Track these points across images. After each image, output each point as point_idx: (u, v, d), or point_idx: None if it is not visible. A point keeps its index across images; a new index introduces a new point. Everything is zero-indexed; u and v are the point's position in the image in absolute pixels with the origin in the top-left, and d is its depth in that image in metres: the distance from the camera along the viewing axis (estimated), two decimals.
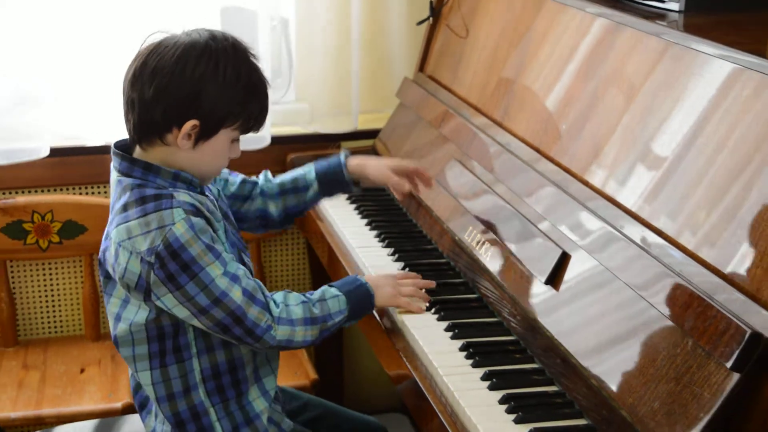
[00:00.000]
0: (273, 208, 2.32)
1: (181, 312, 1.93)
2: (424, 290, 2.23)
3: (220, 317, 1.93)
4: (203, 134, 1.96)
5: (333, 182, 2.34)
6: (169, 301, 1.92)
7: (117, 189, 1.99)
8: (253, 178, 2.34)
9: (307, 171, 2.34)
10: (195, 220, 1.91)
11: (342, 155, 2.35)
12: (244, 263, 2.06)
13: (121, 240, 1.92)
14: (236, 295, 1.93)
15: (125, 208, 1.94)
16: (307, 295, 2.06)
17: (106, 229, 2.00)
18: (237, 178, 2.32)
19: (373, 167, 2.34)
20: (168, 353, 2.00)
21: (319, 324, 2.03)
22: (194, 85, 1.93)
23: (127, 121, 1.99)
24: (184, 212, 1.91)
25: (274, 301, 2.00)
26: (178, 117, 1.94)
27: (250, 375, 2.07)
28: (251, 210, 2.32)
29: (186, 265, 1.90)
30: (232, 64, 1.96)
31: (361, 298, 2.10)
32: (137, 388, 2.12)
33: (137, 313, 1.98)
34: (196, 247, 1.90)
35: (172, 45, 1.95)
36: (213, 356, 2.02)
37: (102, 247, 2.01)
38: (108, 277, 2.02)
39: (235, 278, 1.94)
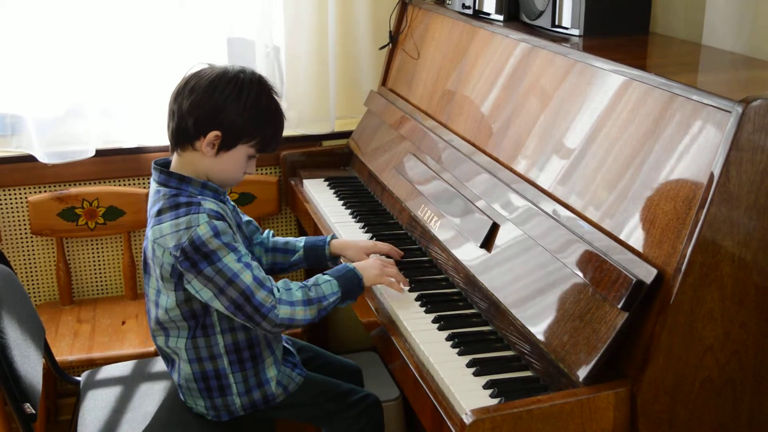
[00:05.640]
0: (264, 259, 2.23)
1: (206, 294, 1.89)
2: (403, 274, 2.13)
3: (234, 296, 1.87)
4: (224, 145, 1.94)
5: (315, 255, 2.25)
6: (195, 285, 1.89)
7: (155, 197, 1.95)
8: (255, 223, 2.25)
9: (299, 240, 2.26)
10: (217, 223, 1.87)
11: (328, 237, 2.26)
12: None
13: (156, 238, 1.90)
14: (247, 277, 1.88)
15: (159, 213, 1.91)
16: (305, 282, 1.98)
17: (146, 231, 1.97)
18: (245, 217, 2.24)
19: (352, 250, 2.23)
20: (198, 328, 1.97)
21: (316, 304, 1.94)
22: (219, 104, 1.91)
23: (167, 128, 1.97)
24: (208, 217, 1.87)
25: (277, 288, 1.93)
26: (204, 127, 1.91)
27: (265, 348, 2.03)
28: None
29: (206, 254, 1.86)
30: (254, 93, 1.93)
31: (350, 279, 2.01)
32: (162, 352, 2.08)
33: (167, 300, 1.95)
34: (214, 243, 1.86)
35: (209, 72, 1.93)
36: (234, 335, 1.99)
37: (143, 246, 1.99)
38: (146, 270, 2.00)
39: (247, 265, 1.89)
